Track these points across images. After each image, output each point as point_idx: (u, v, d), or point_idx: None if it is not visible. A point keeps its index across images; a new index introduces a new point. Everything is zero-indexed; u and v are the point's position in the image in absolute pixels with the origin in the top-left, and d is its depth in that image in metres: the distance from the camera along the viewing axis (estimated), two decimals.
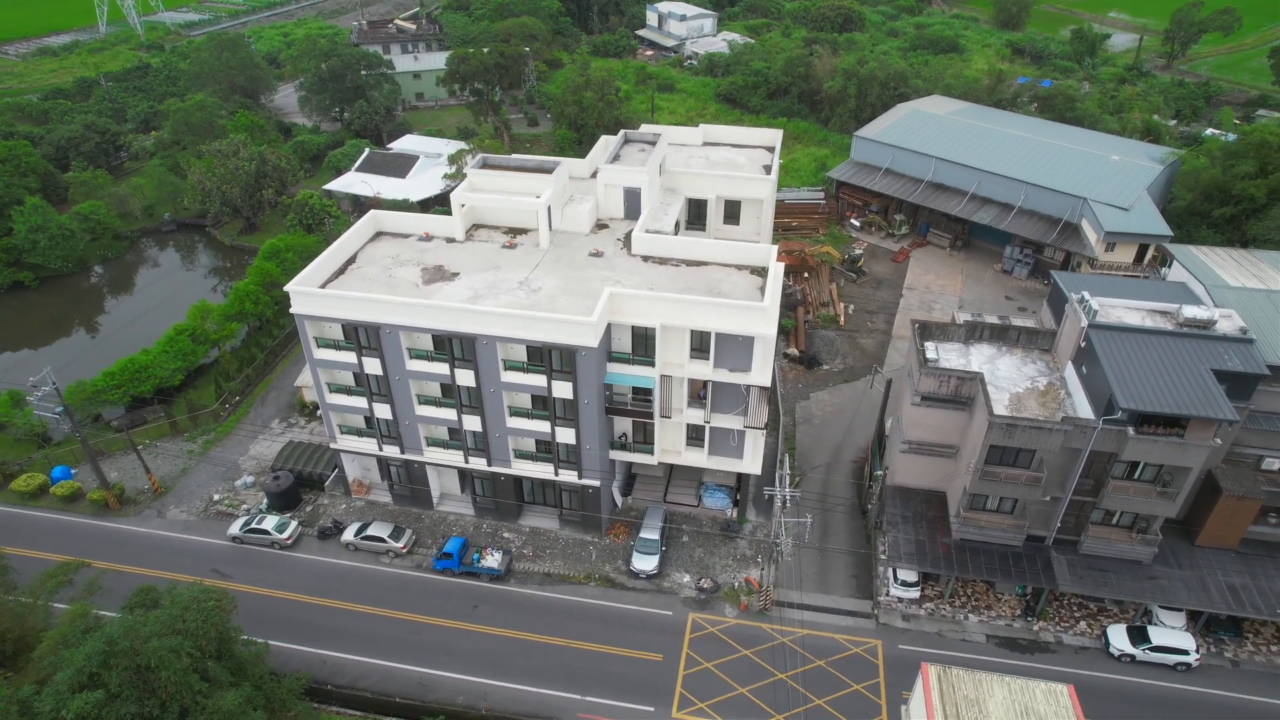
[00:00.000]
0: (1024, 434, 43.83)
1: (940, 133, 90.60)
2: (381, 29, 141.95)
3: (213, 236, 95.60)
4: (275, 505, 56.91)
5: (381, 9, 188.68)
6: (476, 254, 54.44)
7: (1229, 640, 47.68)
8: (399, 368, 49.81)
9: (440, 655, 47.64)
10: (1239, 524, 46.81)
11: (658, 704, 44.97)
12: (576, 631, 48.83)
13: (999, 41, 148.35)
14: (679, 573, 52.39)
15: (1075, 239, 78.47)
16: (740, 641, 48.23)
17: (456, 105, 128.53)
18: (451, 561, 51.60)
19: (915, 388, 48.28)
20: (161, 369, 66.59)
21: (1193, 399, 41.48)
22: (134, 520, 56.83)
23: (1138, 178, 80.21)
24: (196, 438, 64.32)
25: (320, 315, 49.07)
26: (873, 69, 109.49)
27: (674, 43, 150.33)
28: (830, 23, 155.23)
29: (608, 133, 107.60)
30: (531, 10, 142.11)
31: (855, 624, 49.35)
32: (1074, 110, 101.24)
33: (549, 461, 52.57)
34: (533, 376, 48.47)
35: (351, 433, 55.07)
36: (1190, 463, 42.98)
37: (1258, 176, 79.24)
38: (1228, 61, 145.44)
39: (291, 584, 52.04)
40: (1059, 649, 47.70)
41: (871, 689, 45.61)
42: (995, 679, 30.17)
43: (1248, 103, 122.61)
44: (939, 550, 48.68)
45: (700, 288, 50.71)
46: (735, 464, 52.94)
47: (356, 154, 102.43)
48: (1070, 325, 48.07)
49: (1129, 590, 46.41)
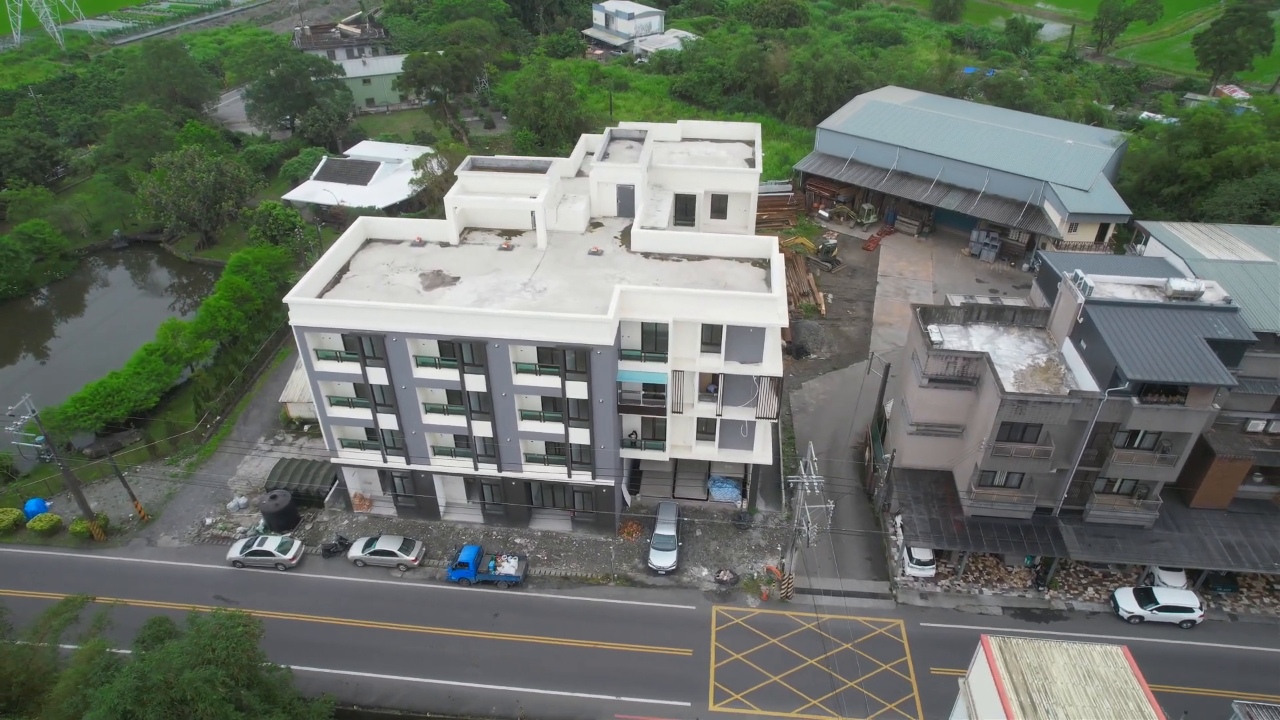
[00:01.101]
0: (1034, 409, 45.20)
1: (901, 122, 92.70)
2: (324, 34, 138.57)
3: (168, 252, 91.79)
4: (273, 526, 55.03)
5: (317, 14, 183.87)
6: (474, 257, 53.55)
7: (1226, 596, 50.07)
8: (405, 376, 48.67)
9: (467, 667, 46.75)
10: (1230, 485, 49.17)
11: (693, 698, 44.99)
12: (602, 632, 48.50)
13: (939, 33, 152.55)
14: (697, 567, 52.49)
15: (1039, 221, 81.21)
16: (766, 630, 48.58)
17: (409, 110, 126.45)
18: (468, 571, 50.68)
19: (923, 370, 49.33)
20: (135, 391, 63.67)
21: (1193, 367, 43.39)
22: (123, 551, 54.24)
23: (1093, 160, 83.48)
24: (178, 461, 61.71)
25: (322, 326, 47.59)
26: (828, 62, 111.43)
27: (622, 41, 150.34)
28: (774, 18, 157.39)
29: (568, 133, 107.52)
30: (478, 12, 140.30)
31: (875, 605, 50.19)
32: (1022, 97, 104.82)
33: (561, 463, 52.06)
34: (545, 378, 47.91)
35: (353, 446, 53.59)
36: (1190, 428, 44.98)
37: (1201, 156, 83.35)
38: (1151, 48, 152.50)
39: (301, 605, 50.38)
40: (1071, 615, 49.37)
41: (900, 667, 46.46)
42: (1054, 645, 31.06)
43: (1174, 87, 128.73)
44: (953, 528, 49.88)
45: (706, 282, 50.86)
46: (746, 455, 53.26)
47: (313, 162, 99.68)
48: (1065, 303, 49.75)
49: (1135, 554, 48.34)
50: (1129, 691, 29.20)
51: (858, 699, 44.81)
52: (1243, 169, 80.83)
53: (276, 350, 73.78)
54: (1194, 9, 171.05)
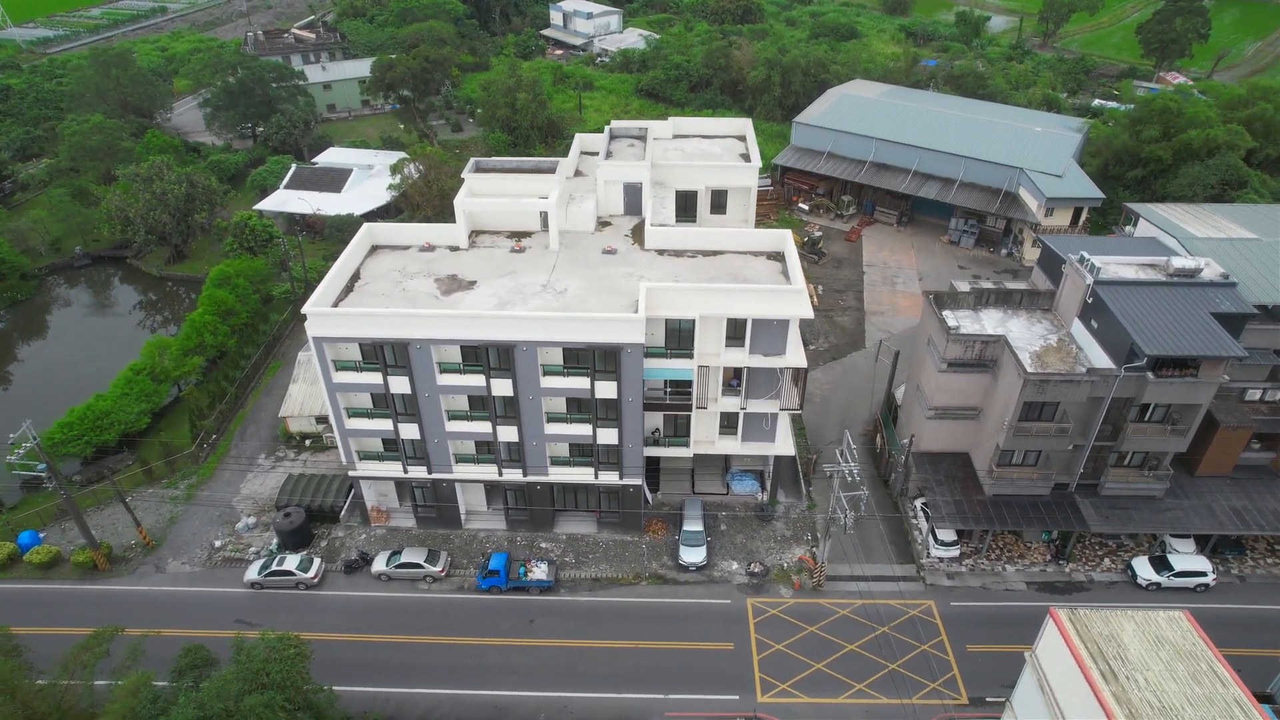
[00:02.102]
0: (1055, 388, 46.57)
1: (875, 114, 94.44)
2: (277, 39, 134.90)
3: (135, 268, 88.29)
4: (288, 544, 53.45)
5: (261, 19, 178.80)
6: (486, 260, 52.83)
7: (1233, 559, 52.30)
8: (429, 384, 47.76)
9: (508, 675, 46.12)
10: (1233, 452, 51.40)
11: (740, 691, 45.18)
12: (640, 632, 48.35)
13: (892, 26, 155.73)
14: (726, 561, 52.70)
15: (1015, 207, 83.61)
16: (803, 619, 49.05)
17: (371, 115, 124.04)
18: (499, 579, 49.97)
19: (942, 355, 50.36)
20: (125, 413, 61.19)
21: (1204, 341, 45.20)
22: (131, 579, 52.06)
23: (1063, 146, 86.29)
24: (177, 483, 59.48)
25: (341, 336, 46.37)
26: (794, 57, 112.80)
27: (582, 41, 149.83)
28: (731, 15, 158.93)
29: (540, 134, 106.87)
30: (436, 14, 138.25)
31: (905, 588, 51.07)
32: (985, 87, 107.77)
33: (588, 465, 51.72)
34: (574, 379, 47.54)
35: (370, 458, 52.35)
36: (1201, 400, 46.88)
37: (1162, 140, 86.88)
38: (1093, 38, 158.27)
39: (327, 624, 49.02)
40: (1091, 586, 51.00)
41: (937, 647, 47.38)
42: (1120, 614, 32.04)
43: (1119, 75, 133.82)
44: (976, 508, 51.04)
45: (724, 276, 51.10)
46: (768, 447, 53.66)
47: (282, 171, 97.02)
48: (1072, 284, 51.28)
49: (1151, 524, 50.17)
50: (1199, 654, 30.29)
51: (901, 680, 45.56)
52: (1201, 151, 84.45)
53: (266, 364, 71.63)
54: (1129, 0, 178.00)
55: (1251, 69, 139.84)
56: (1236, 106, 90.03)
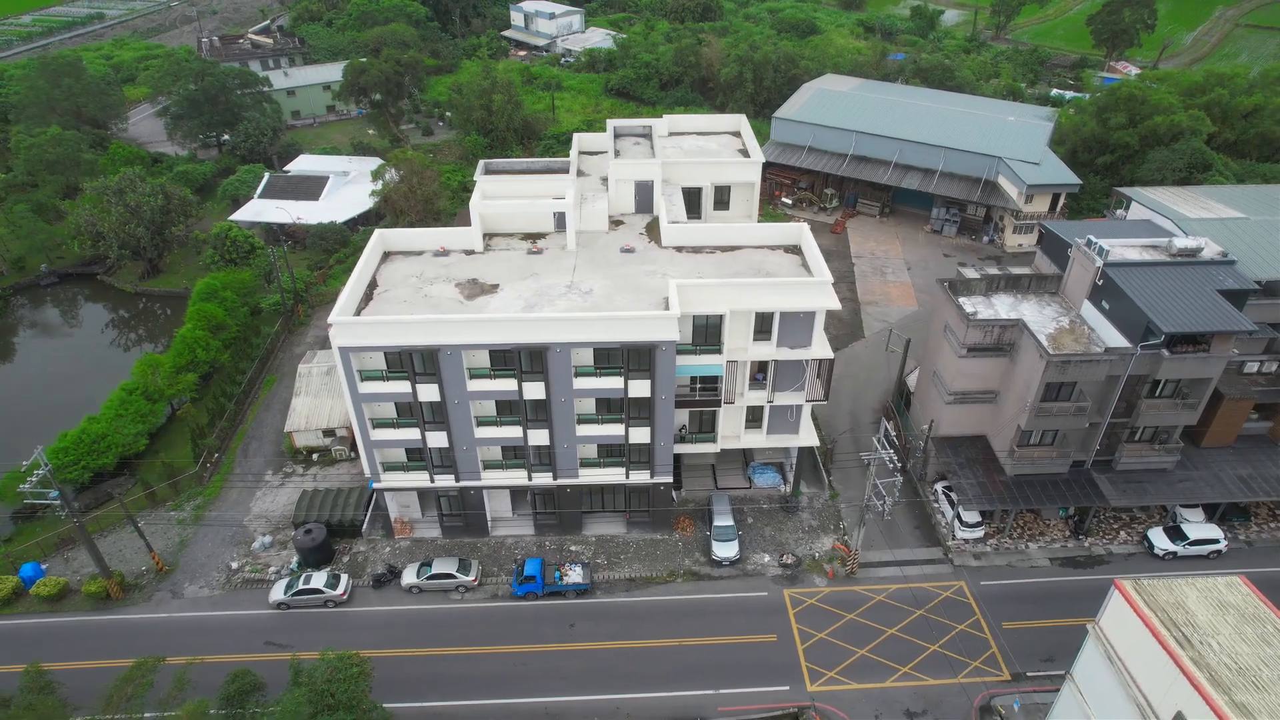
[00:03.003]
0: (1075, 368, 47.96)
1: (853, 108, 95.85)
2: (233, 45, 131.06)
3: (108, 285, 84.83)
4: (309, 561, 52.02)
5: (209, 24, 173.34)
6: (505, 263, 52.18)
7: (1239, 525, 54.50)
8: (459, 390, 46.98)
9: (555, 680, 45.65)
10: (1236, 423, 53.60)
11: (790, 681, 45.49)
12: (682, 629, 48.32)
13: (850, 21, 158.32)
14: (758, 554, 52.99)
15: (996, 195, 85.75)
16: (840, 607, 49.61)
17: (337, 121, 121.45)
18: (535, 584, 49.41)
19: (962, 341, 51.40)
20: (121, 435, 58.85)
21: (1216, 317, 47.02)
22: (147, 607, 50.07)
23: (1038, 135, 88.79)
24: (182, 505, 57.37)
25: (369, 345, 45.30)
26: (766, 53, 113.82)
27: (544, 42, 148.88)
28: (691, 13, 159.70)
29: (516, 136, 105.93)
30: (396, 17, 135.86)
31: (934, 571, 52.02)
32: (952, 79, 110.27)
33: (618, 465, 51.49)
34: (606, 379, 47.27)
35: (393, 469, 51.26)
36: (1212, 374, 48.76)
37: (1129, 126, 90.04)
38: (1042, 30, 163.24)
39: (360, 641, 47.58)
40: (1111, 559, 52.65)
41: (974, 626, 48.37)
42: (1182, 582, 33.16)
43: (1072, 65, 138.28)
44: (999, 488, 52.25)
45: (747, 271, 51.36)
46: (793, 439, 54.16)
47: (254, 180, 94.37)
48: (1079, 267, 52.83)
49: (1165, 495, 52.00)
50: (1263, 616, 31.52)
51: (944, 661, 46.41)
52: (1166, 137, 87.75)
53: (262, 378, 69.55)
54: None
55: (1191, 58, 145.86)
56: (1194, 93, 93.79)
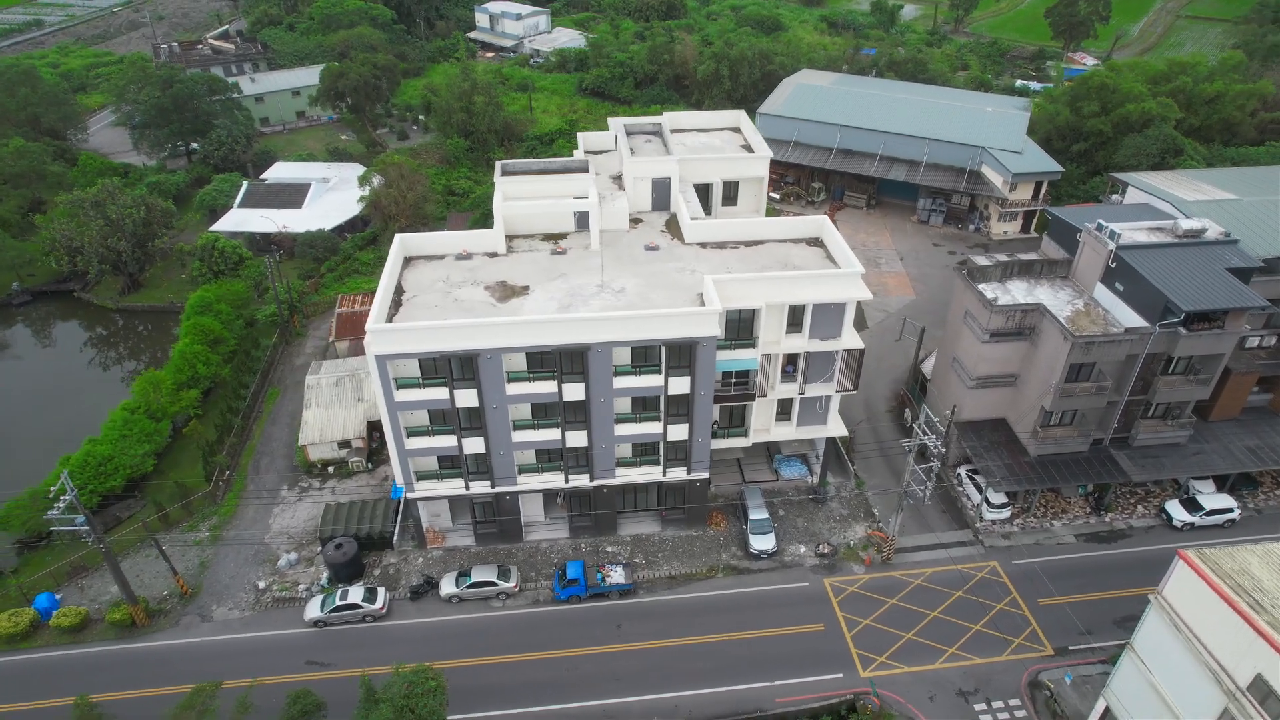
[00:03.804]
0: (1098, 349, 49.39)
1: (836, 102, 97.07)
2: (193, 50, 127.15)
3: (86, 302, 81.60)
4: (341, 576, 50.81)
5: (159, 30, 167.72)
6: (531, 264, 51.64)
7: (1247, 494, 56.69)
8: (498, 394, 46.37)
9: (610, 682, 45.36)
10: (1241, 396, 55.79)
11: (842, 669, 45.96)
12: (729, 623, 48.43)
13: (813, 17, 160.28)
14: (794, 545, 53.39)
15: (980, 184, 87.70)
16: (881, 593, 50.27)
17: (308, 127, 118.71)
18: (579, 587, 49.04)
19: (985, 326, 52.49)
20: (128, 457, 56.78)
21: (1230, 294, 48.83)
22: (176, 632, 48.33)
23: (1017, 124, 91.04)
24: (198, 525, 55.57)
25: (407, 352, 44.39)
26: (742, 49, 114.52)
27: (512, 43, 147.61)
28: (655, 11, 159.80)
29: (498, 137, 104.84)
30: (361, 20, 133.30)
31: (967, 553, 53.03)
32: (925, 72, 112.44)
33: (654, 463, 51.39)
34: (646, 378, 47.15)
35: (427, 477, 50.35)
36: (1225, 349, 50.66)
37: (1101, 114, 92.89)
38: (997, 23, 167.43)
39: (404, 655, 46.51)
40: (1132, 533, 54.33)
41: (1011, 604, 49.45)
42: (1243, 549, 34.43)
43: (1032, 56, 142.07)
44: (1024, 469, 53.50)
45: (774, 265, 51.70)
46: (821, 430, 54.71)
47: (231, 190, 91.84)
48: (1090, 251, 54.37)
49: (1181, 468, 53.84)
50: None
51: (987, 640, 47.36)
52: (1138, 123, 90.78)
53: (264, 392, 67.64)
54: None
55: (1141, 48, 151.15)
56: (1160, 81, 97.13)
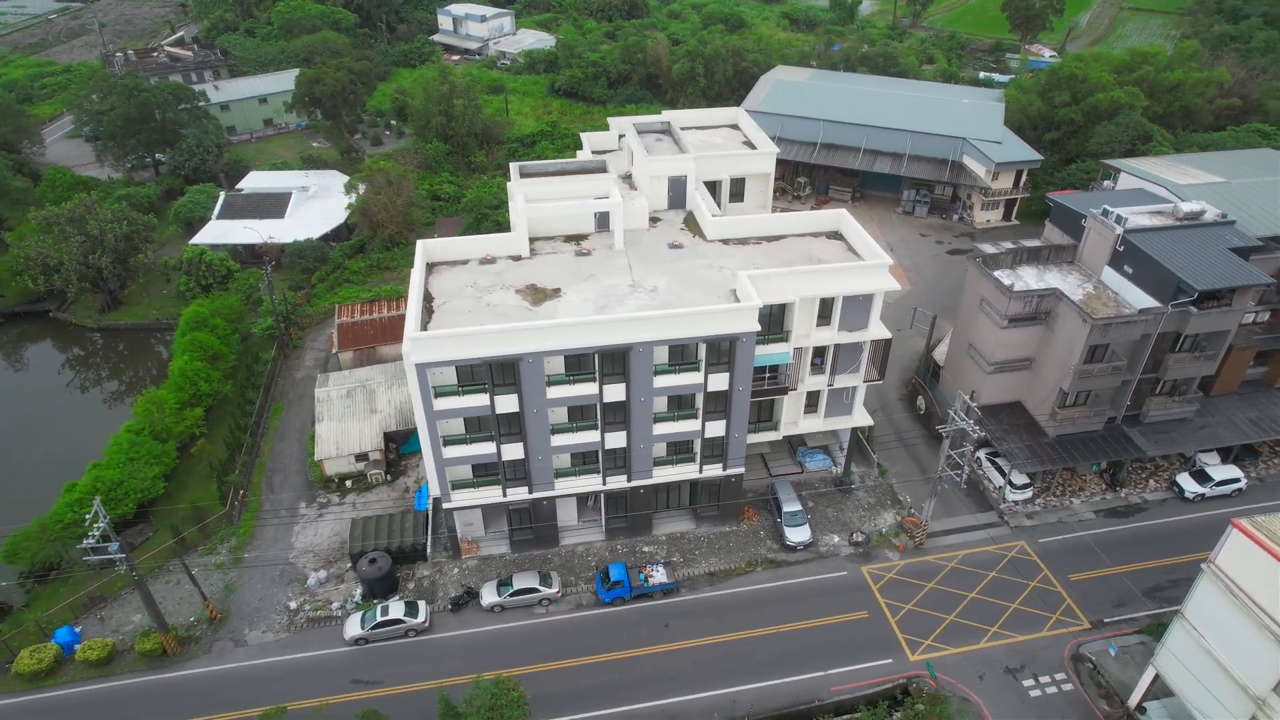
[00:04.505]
0: (1116, 330, 50.98)
1: (816, 97, 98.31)
2: (149, 58, 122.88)
3: (64, 322, 78.27)
4: (376, 592, 49.72)
5: (96, 39, 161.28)
6: (557, 266, 51.22)
7: (1249, 464, 59.10)
8: (538, 399, 45.89)
9: (664, 682, 45.27)
10: (1241, 371, 58.13)
11: (891, 654, 46.63)
12: (775, 616, 48.74)
13: (775, 14, 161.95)
14: (827, 535, 53.94)
15: (963, 175, 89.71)
16: (918, 577, 51.12)
17: (276, 135, 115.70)
18: (623, 589, 48.82)
19: (1004, 313, 53.74)
20: (138, 480, 54.66)
21: (1237, 273, 50.86)
22: (211, 659, 46.73)
23: (994, 115, 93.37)
24: (216, 548, 53.82)
25: (448, 360, 43.63)
26: (716, 47, 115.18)
27: (476, 45, 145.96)
28: (618, 11, 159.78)
29: (478, 140, 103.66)
30: (323, 25, 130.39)
31: (994, 534, 54.24)
32: (896, 66, 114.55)
33: (689, 461, 51.43)
34: (686, 376, 47.17)
35: (463, 485, 49.56)
36: (1231, 326, 52.74)
37: (1072, 104, 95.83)
38: (952, 17, 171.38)
39: (453, 668, 46.03)
40: (1147, 506, 56.20)
41: (1044, 581, 50.74)
42: None
43: (990, 49, 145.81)
44: (1045, 450, 54.94)
45: (800, 259, 52.13)
46: (847, 420, 55.41)
47: (208, 201, 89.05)
48: (1096, 236, 56.08)
49: (1191, 442, 55.87)
50: None
51: (1026, 617, 48.53)
52: (1107, 112, 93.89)
53: (268, 407, 65.73)
54: None
55: (1090, 39, 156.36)
56: (1123, 71, 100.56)
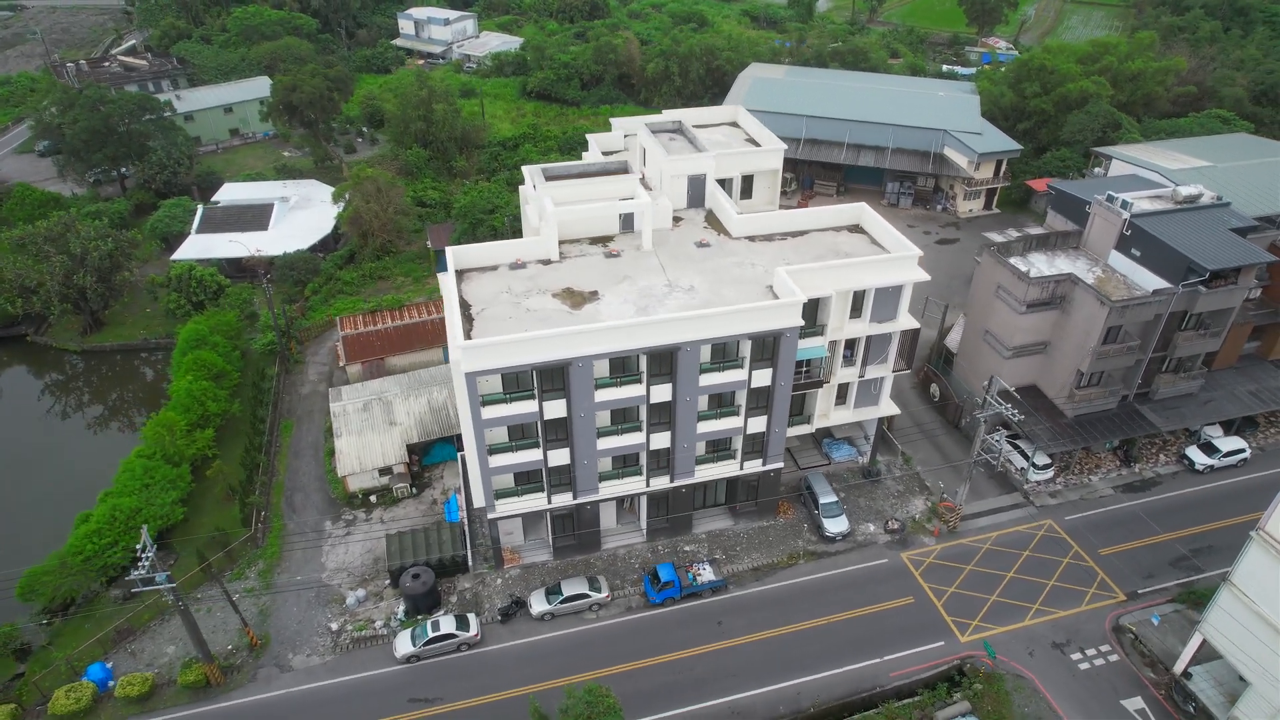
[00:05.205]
0: (1132, 311, 52.83)
1: (796, 93, 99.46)
2: (101, 68, 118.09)
3: (43, 345, 74.71)
4: (421, 607, 48.76)
5: (32, 49, 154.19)
6: (588, 269, 50.89)
7: (1249, 434, 61.76)
8: (586, 403, 45.54)
9: (726, 679, 45.38)
10: (1239, 346, 60.73)
11: (942, 637, 47.54)
12: (823, 607, 49.26)
13: (735, 12, 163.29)
14: (863, 524, 54.71)
15: (945, 166, 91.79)
16: (956, 560, 52.20)
17: (243, 145, 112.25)
18: (673, 589, 48.77)
19: (1022, 299, 55.20)
20: (157, 507, 52.63)
21: (1242, 252, 53.10)
22: (257, 686, 45.22)
23: (971, 107, 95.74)
24: (244, 573, 52.11)
25: (498, 367, 42.95)
26: (691, 46, 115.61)
27: (440, 49, 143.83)
28: (579, 12, 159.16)
29: (458, 145, 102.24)
30: (284, 31, 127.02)
31: (1021, 514, 55.66)
32: (867, 61, 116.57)
33: (729, 459, 51.62)
34: (730, 373, 47.36)
35: (506, 494, 48.90)
36: (1236, 304, 55.06)
37: (1043, 94, 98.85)
38: (906, 12, 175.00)
39: (511, 679, 45.40)
40: (1160, 480, 58.32)
41: (1076, 557, 52.31)
42: None
43: (948, 43, 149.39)
44: (1065, 430, 56.60)
45: (828, 253, 52.72)
46: (875, 411, 56.26)
47: (184, 215, 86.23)
48: (1102, 221, 57.99)
49: (1199, 415, 58.17)
50: None
51: (1065, 593, 49.96)
52: (1077, 101, 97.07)
53: (277, 424, 63.81)
54: None
55: (1040, 32, 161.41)
56: (1086, 61, 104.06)
